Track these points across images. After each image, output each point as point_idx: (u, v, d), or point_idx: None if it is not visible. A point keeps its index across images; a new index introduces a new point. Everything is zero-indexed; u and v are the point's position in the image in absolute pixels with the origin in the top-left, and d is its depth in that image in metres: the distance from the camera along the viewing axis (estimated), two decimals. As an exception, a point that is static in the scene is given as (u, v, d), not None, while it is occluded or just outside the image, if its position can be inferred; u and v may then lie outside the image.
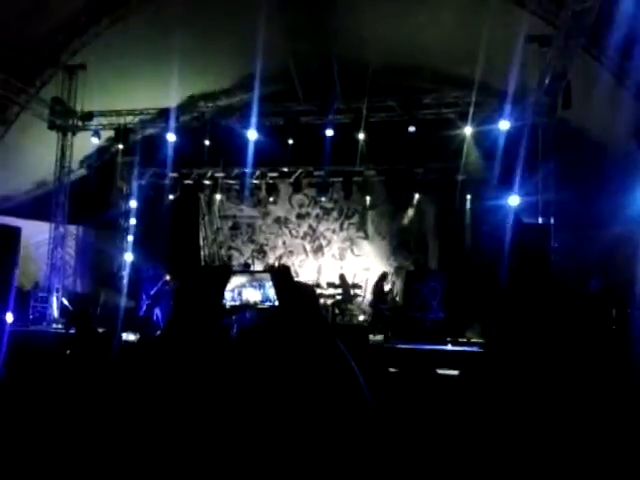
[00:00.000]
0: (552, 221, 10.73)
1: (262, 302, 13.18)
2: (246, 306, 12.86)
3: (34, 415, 2.46)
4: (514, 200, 10.96)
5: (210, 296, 1.73)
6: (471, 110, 11.95)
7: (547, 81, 10.42)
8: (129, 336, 8.92)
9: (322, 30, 12.48)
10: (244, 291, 13.63)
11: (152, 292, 12.85)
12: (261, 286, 13.57)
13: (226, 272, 1.91)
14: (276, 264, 14.24)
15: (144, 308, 12.94)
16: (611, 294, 9.80)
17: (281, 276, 1.67)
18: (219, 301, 1.84)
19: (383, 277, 12.93)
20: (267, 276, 12.66)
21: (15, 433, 2.31)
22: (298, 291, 1.62)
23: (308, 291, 1.65)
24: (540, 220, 11.03)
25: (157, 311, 12.32)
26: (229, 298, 13.19)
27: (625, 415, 2.37)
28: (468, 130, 12.25)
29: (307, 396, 1.47)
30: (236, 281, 13.83)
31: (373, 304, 12.64)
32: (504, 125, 11.54)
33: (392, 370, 3.72)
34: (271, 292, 12.97)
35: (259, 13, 10.70)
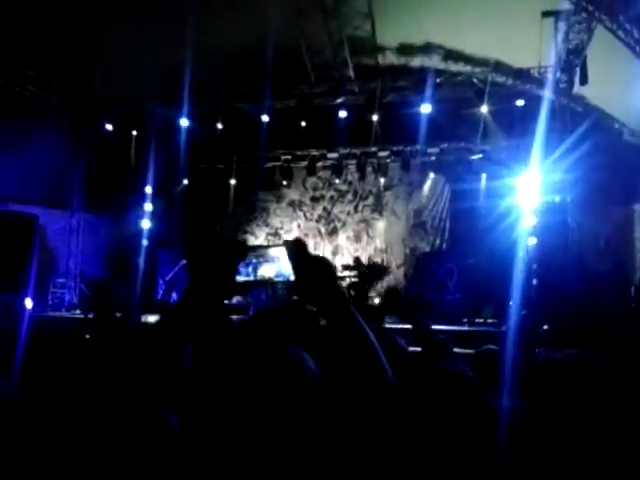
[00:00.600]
0: (570, 199, 10.63)
1: (277, 277, 13.19)
2: (261, 282, 12.88)
3: (54, 401, 2.48)
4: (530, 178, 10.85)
5: (223, 272, 1.69)
6: (487, 89, 11.80)
7: (563, 57, 10.26)
8: (148, 318, 8.98)
9: (334, 11, 12.34)
10: (259, 266, 13.65)
11: (168, 277, 12.91)
12: (275, 261, 13.58)
13: (240, 247, 1.88)
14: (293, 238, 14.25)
15: (161, 292, 13.03)
16: (630, 272, 9.73)
17: (297, 249, 1.62)
18: (232, 277, 1.81)
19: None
20: (282, 251, 12.67)
21: (35, 418, 2.33)
22: (314, 264, 1.59)
23: (325, 264, 1.61)
24: (557, 198, 10.93)
25: (174, 295, 12.40)
26: (244, 273, 13.21)
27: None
28: (484, 109, 12.10)
29: (330, 372, 1.46)
30: (251, 256, 13.86)
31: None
32: (520, 103, 11.40)
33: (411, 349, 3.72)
34: (286, 267, 12.98)
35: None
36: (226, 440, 1.32)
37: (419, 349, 3.50)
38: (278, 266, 13.44)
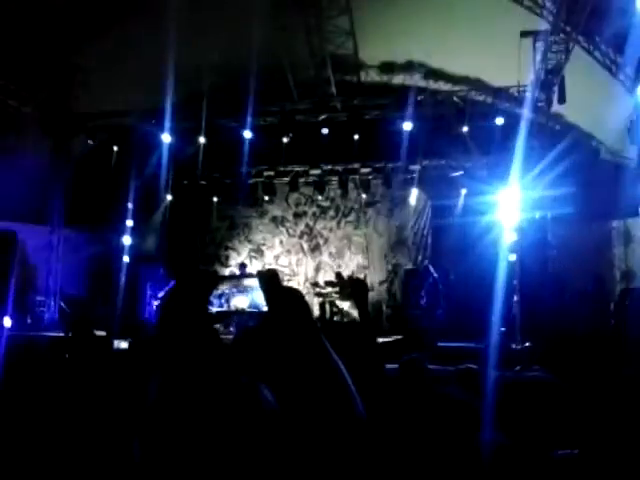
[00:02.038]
0: (550, 216, 10.75)
1: (250, 308, 13.10)
2: (234, 312, 12.82)
3: (32, 418, 2.46)
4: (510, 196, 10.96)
5: (195, 302, 1.70)
6: (467, 107, 11.95)
7: (542, 76, 10.43)
8: (120, 343, 8.67)
9: (316, 28, 12.44)
10: (232, 297, 13.57)
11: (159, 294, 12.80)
12: (248, 292, 13.49)
13: (212, 278, 1.88)
14: (265, 268, 14.20)
15: (152, 309, 12.89)
16: (608, 288, 9.83)
17: (270, 281, 1.64)
18: (205, 307, 1.81)
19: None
20: (255, 282, 12.60)
21: (13, 435, 2.30)
22: (287, 296, 1.61)
23: (297, 296, 1.63)
24: (537, 214, 11.05)
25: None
26: (216, 304, 13.13)
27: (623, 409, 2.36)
28: (465, 127, 12.25)
29: (297, 403, 1.46)
30: (223, 287, 13.77)
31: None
32: (499, 121, 11.55)
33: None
34: (259, 298, 12.91)
35: (253, 12, 10.67)
36: (185, 470, 1.32)
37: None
38: (251, 296, 13.35)
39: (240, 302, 13.44)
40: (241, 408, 1.34)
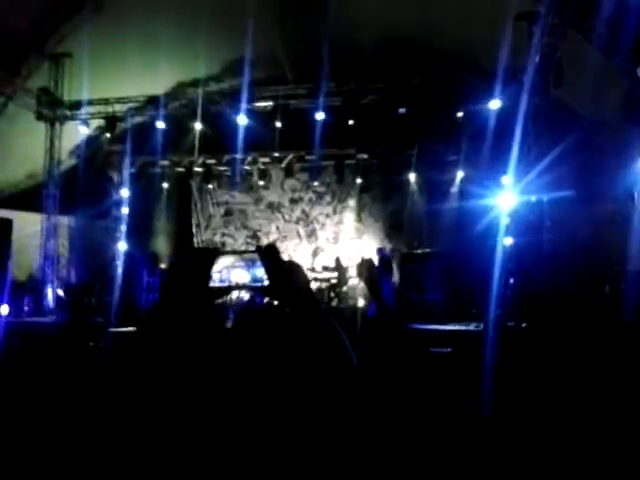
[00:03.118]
0: (545, 199, 10.76)
1: (251, 283, 13.17)
2: (235, 287, 12.85)
3: (28, 404, 2.47)
4: (506, 179, 10.96)
5: (196, 278, 1.72)
6: (463, 90, 11.92)
7: (537, 59, 10.38)
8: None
9: (310, 12, 12.36)
10: (232, 272, 13.62)
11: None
12: (249, 266, 13.57)
13: (212, 253, 1.89)
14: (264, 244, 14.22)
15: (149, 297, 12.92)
16: (604, 271, 9.87)
17: (270, 255, 1.66)
18: (206, 282, 1.83)
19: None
20: (255, 256, 12.64)
21: (10, 420, 2.32)
22: (287, 269, 1.63)
23: (297, 269, 1.65)
24: (533, 198, 11.05)
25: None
26: (217, 279, 13.16)
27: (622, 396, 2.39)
28: (460, 110, 12.23)
29: (302, 371, 1.49)
30: (224, 262, 13.82)
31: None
32: (495, 104, 11.52)
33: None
34: (260, 272, 12.99)
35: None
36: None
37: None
38: (252, 271, 13.41)
39: (240, 276, 13.49)
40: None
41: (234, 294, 12.44)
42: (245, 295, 12.32)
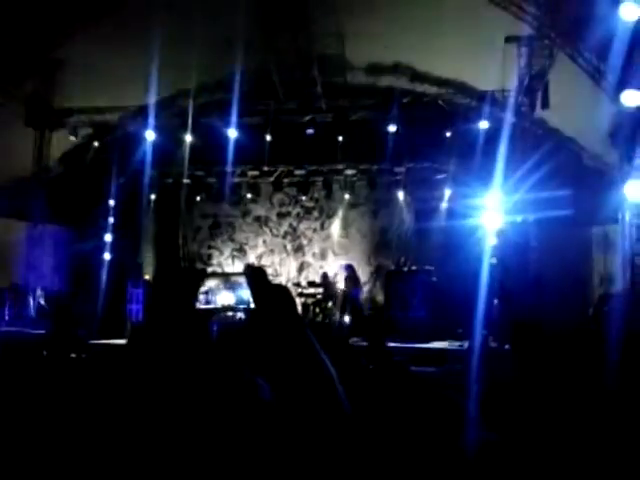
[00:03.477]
0: (531, 219, 10.83)
1: (236, 305, 13.08)
2: (220, 309, 12.78)
3: (9, 416, 2.43)
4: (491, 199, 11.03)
5: (183, 297, 1.72)
6: (452, 110, 12.03)
7: (526, 81, 10.51)
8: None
9: (302, 28, 12.44)
10: (218, 294, 13.54)
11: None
12: (235, 289, 13.48)
13: (200, 274, 1.89)
14: (253, 264, 14.18)
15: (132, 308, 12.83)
16: (588, 293, 9.94)
17: (256, 278, 1.65)
18: (192, 303, 1.82)
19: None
20: (241, 279, 12.57)
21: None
22: (274, 292, 1.61)
23: (284, 292, 1.64)
24: (519, 218, 11.13)
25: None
26: (202, 300, 13.08)
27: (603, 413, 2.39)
28: (449, 130, 12.33)
29: (285, 396, 1.47)
30: (209, 283, 13.74)
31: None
32: (484, 125, 11.63)
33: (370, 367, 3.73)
34: (245, 294, 12.90)
35: (239, 12, 10.65)
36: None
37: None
38: (237, 293, 13.35)
39: (225, 299, 13.42)
40: (243, 400, 1.36)
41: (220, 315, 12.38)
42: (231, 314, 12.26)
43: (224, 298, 13.45)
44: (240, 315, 11.82)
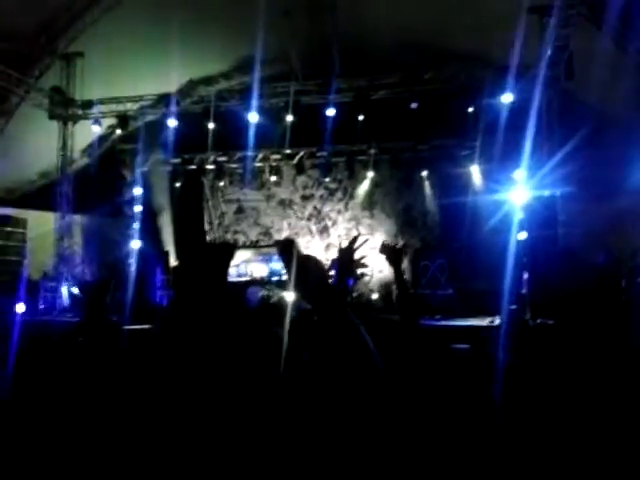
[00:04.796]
0: (559, 193, 10.69)
1: (269, 276, 13.21)
2: (252, 282, 12.87)
3: (47, 405, 2.48)
4: (518, 174, 10.90)
5: (213, 275, 1.73)
6: (475, 85, 11.86)
7: (549, 52, 10.32)
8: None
9: (320, 8, 12.33)
10: (250, 266, 13.65)
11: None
12: (267, 260, 13.60)
13: (229, 249, 1.90)
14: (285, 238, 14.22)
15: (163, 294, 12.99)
16: (620, 265, 9.79)
17: (288, 249, 1.66)
18: (223, 279, 1.83)
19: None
20: (273, 250, 12.66)
21: (28, 420, 2.33)
22: (306, 264, 1.63)
23: (316, 263, 1.65)
24: (546, 192, 10.99)
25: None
26: (234, 274, 13.19)
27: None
28: (472, 105, 12.18)
29: (324, 359, 1.50)
30: (241, 256, 13.85)
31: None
32: (507, 98, 11.45)
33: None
34: (277, 265, 13.01)
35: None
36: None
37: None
38: (269, 265, 13.46)
39: (258, 270, 13.52)
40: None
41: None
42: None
43: (256, 269, 13.56)
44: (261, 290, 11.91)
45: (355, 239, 2.40)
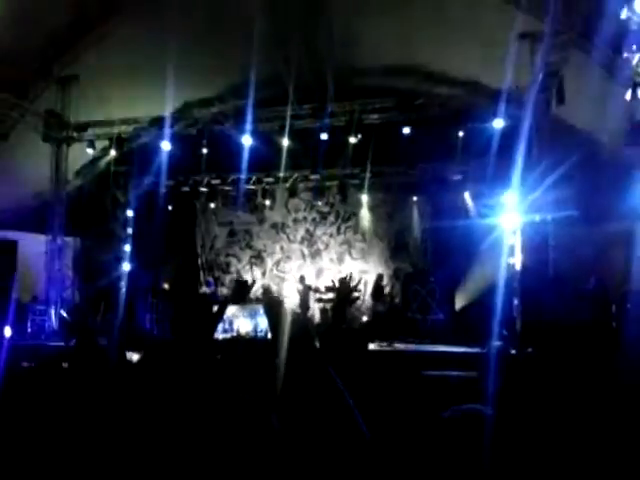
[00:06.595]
0: (550, 218, 10.71)
1: (254, 332, 13.01)
2: (237, 338, 12.72)
3: (31, 429, 2.44)
4: (509, 198, 10.93)
5: (202, 331, 1.74)
6: (466, 109, 11.94)
7: (540, 78, 10.41)
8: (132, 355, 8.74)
9: (313, 33, 12.45)
10: (235, 321, 13.48)
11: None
12: (252, 316, 13.37)
13: (221, 306, 1.91)
14: (271, 293, 14.06)
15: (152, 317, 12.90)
16: (610, 291, 9.79)
17: (274, 308, 1.66)
18: (211, 336, 1.83)
19: (379, 279, 12.93)
20: (259, 305, 12.45)
21: (13, 446, 2.29)
22: (291, 323, 1.62)
23: (301, 322, 1.64)
24: (537, 217, 11.01)
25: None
26: (220, 329, 13.03)
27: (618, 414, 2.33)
28: (464, 130, 12.24)
29: (305, 425, 1.45)
30: (227, 311, 13.65)
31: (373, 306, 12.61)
32: (498, 124, 11.52)
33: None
34: (263, 321, 12.82)
35: (249, 18, 10.69)
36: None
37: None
38: (254, 320, 13.26)
39: (244, 326, 13.32)
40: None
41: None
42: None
43: (242, 325, 13.33)
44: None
45: (348, 282, 2.42)
